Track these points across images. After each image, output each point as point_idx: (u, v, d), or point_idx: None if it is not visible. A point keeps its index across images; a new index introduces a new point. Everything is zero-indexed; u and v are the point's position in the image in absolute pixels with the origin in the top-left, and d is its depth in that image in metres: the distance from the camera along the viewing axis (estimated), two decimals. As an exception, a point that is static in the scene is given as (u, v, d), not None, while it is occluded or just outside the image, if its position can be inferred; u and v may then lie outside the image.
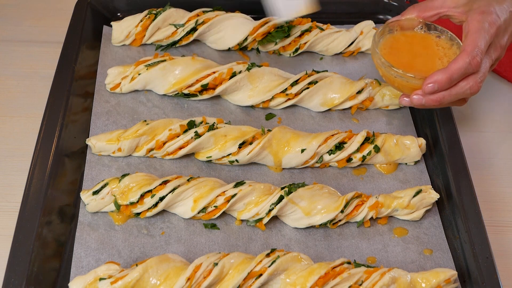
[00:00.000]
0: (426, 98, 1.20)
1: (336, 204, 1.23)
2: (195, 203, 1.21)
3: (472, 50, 1.16)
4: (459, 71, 1.16)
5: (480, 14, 1.20)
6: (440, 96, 1.19)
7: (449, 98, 1.20)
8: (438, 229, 1.26)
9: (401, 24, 1.32)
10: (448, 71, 1.16)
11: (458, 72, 1.16)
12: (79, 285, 1.08)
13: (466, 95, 1.22)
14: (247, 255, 1.14)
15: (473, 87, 1.19)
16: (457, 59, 1.16)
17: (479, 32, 1.18)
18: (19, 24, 1.70)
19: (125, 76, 1.42)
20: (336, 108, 1.45)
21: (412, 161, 1.36)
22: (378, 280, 1.11)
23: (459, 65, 1.16)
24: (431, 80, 1.17)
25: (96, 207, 1.21)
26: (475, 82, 1.19)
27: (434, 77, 1.17)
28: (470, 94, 1.21)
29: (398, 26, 1.33)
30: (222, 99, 1.46)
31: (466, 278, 1.18)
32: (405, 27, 1.33)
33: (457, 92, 1.19)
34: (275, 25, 1.53)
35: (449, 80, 1.17)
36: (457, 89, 1.19)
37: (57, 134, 1.27)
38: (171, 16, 1.51)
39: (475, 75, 1.19)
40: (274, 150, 1.31)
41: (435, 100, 1.20)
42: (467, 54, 1.16)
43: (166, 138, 1.30)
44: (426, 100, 1.20)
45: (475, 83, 1.19)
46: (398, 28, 1.33)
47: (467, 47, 1.17)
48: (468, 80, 1.19)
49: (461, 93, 1.20)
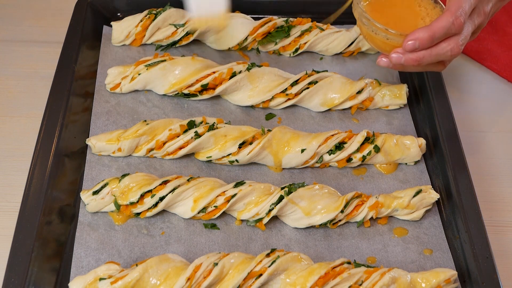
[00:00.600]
0: (406, 57, 1.18)
1: (336, 204, 1.23)
2: (195, 203, 1.21)
3: (456, 10, 1.14)
4: (442, 30, 1.14)
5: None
6: (420, 55, 1.17)
7: (429, 59, 1.18)
8: (438, 229, 1.26)
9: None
10: (431, 29, 1.14)
11: (441, 31, 1.14)
12: (79, 285, 1.08)
13: (447, 57, 1.19)
14: (247, 255, 1.14)
15: (454, 49, 1.17)
16: (441, 18, 1.15)
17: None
18: (19, 24, 1.70)
19: (125, 76, 1.42)
20: (336, 108, 1.45)
21: (412, 161, 1.36)
22: (378, 280, 1.11)
23: (442, 23, 1.14)
24: (412, 37, 1.15)
25: (96, 207, 1.21)
26: (456, 44, 1.17)
27: (416, 34, 1.15)
28: (451, 56, 1.19)
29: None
30: (222, 99, 1.46)
31: (466, 278, 1.18)
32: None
33: (438, 53, 1.17)
34: (275, 25, 1.53)
35: (430, 38, 1.14)
36: (438, 49, 1.17)
37: (57, 134, 1.27)
38: (171, 16, 1.51)
39: (456, 37, 1.17)
40: (274, 150, 1.31)
41: (414, 60, 1.17)
42: (451, 13, 1.14)
43: (166, 138, 1.30)
44: (406, 59, 1.18)
45: (456, 44, 1.17)
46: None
47: (451, 7, 1.15)
48: (450, 41, 1.17)
49: (441, 54, 1.18)
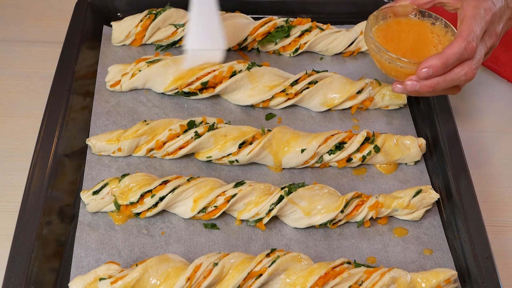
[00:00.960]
0: (420, 84, 1.18)
1: (336, 204, 1.23)
2: (195, 203, 1.21)
3: (467, 35, 1.15)
4: (455, 56, 1.15)
5: (475, 0, 1.18)
6: (434, 82, 1.18)
7: (443, 84, 1.18)
8: (438, 229, 1.26)
9: (395, 10, 1.31)
10: (444, 55, 1.15)
11: (454, 57, 1.15)
12: (79, 285, 1.08)
13: (461, 82, 1.20)
14: (247, 255, 1.14)
15: (468, 74, 1.18)
16: (453, 44, 1.15)
17: (475, 18, 1.16)
18: (19, 24, 1.70)
19: (125, 73, 1.42)
20: (336, 108, 1.45)
21: (412, 161, 1.36)
22: (378, 280, 1.11)
23: (455, 50, 1.14)
24: (426, 65, 1.16)
25: (96, 207, 1.21)
26: (470, 69, 1.17)
27: (429, 62, 1.15)
28: (465, 80, 1.19)
29: (392, 12, 1.31)
30: (222, 99, 1.46)
31: (466, 278, 1.18)
32: (398, 13, 1.31)
33: (452, 78, 1.18)
34: (275, 25, 1.53)
35: (444, 65, 1.15)
36: (452, 75, 1.17)
37: (57, 134, 1.27)
38: (171, 16, 1.51)
39: (470, 61, 1.17)
40: (274, 150, 1.31)
41: (429, 86, 1.18)
42: (463, 39, 1.14)
43: (166, 138, 1.30)
44: (420, 86, 1.18)
45: (470, 69, 1.17)
46: (391, 14, 1.31)
47: (462, 32, 1.15)
48: (463, 66, 1.17)
49: (456, 79, 1.18)
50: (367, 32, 1.26)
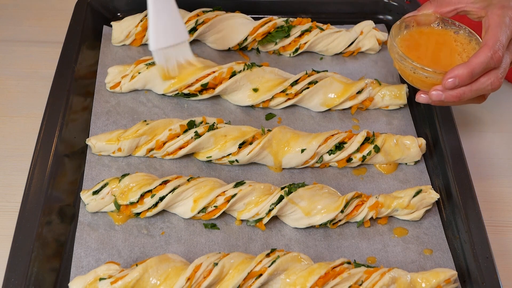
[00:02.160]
0: (446, 94, 1.17)
1: (336, 204, 1.23)
2: (195, 203, 1.21)
3: (493, 44, 1.13)
4: (481, 66, 1.13)
5: (500, 8, 1.17)
6: (460, 92, 1.16)
7: (469, 94, 1.17)
8: (438, 229, 1.26)
9: (418, 19, 1.30)
10: (470, 65, 1.13)
11: (480, 66, 1.13)
12: (79, 285, 1.08)
13: (487, 91, 1.18)
14: (247, 255, 1.14)
15: (494, 83, 1.16)
16: (479, 53, 1.13)
17: (500, 26, 1.15)
18: (19, 24, 1.70)
19: (125, 75, 1.42)
20: (336, 108, 1.45)
21: (412, 161, 1.36)
22: (378, 280, 1.11)
23: (481, 59, 1.13)
24: (452, 75, 1.14)
25: (96, 207, 1.21)
26: (496, 78, 1.16)
27: (455, 72, 1.14)
28: (491, 90, 1.18)
29: (415, 21, 1.30)
30: (222, 99, 1.46)
31: (466, 278, 1.18)
32: (421, 22, 1.30)
33: (478, 88, 1.16)
34: (275, 25, 1.53)
35: (470, 74, 1.13)
36: (478, 84, 1.16)
37: (57, 134, 1.27)
38: (171, 16, 1.51)
39: (496, 70, 1.16)
40: (274, 150, 1.31)
41: (455, 96, 1.16)
42: (489, 48, 1.13)
43: (166, 138, 1.30)
44: (446, 96, 1.17)
45: (496, 78, 1.16)
46: (414, 23, 1.30)
47: (488, 41, 1.14)
48: (489, 76, 1.16)
49: (481, 89, 1.17)
50: (391, 42, 1.25)
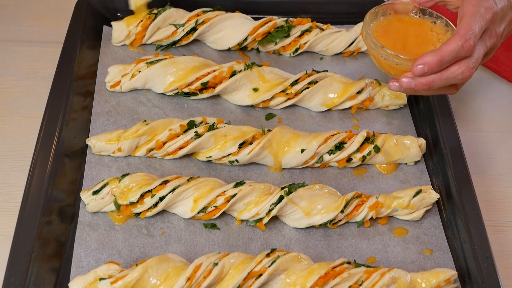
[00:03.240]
0: (416, 81, 1.16)
1: (336, 204, 1.23)
2: (195, 203, 1.21)
3: (465, 33, 1.13)
4: (451, 54, 1.13)
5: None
6: (430, 80, 1.16)
7: (439, 83, 1.16)
8: (438, 229, 1.26)
9: (395, 7, 1.29)
10: (439, 53, 1.13)
11: (450, 54, 1.13)
12: (79, 285, 1.08)
13: (458, 81, 1.18)
14: (247, 255, 1.14)
15: (464, 72, 1.16)
16: (449, 41, 1.13)
17: (474, 16, 1.14)
18: (19, 24, 1.70)
19: (125, 73, 1.42)
20: (336, 108, 1.45)
21: (412, 161, 1.36)
22: (378, 280, 1.11)
23: (451, 47, 1.12)
24: (421, 62, 1.14)
25: (96, 207, 1.21)
26: (467, 67, 1.15)
27: (425, 59, 1.14)
28: (462, 79, 1.17)
29: (392, 9, 1.29)
30: (222, 99, 1.46)
31: (466, 278, 1.18)
32: (399, 11, 1.29)
33: (448, 77, 1.16)
34: (275, 25, 1.53)
35: (439, 62, 1.13)
36: (448, 73, 1.16)
37: (57, 134, 1.27)
38: (171, 16, 1.51)
39: (467, 60, 1.15)
40: (274, 150, 1.31)
41: (424, 84, 1.16)
42: (460, 37, 1.12)
43: (166, 138, 1.30)
44: (416, 83, 1.16)
45: (467, 68, 1.15)
46: (392, 11, 1.29)
47: (460, 30, 1.13)
48: (460, 65, 1.15)
49: (452, 78, 1.16)
50: (364, 28, 1.25)
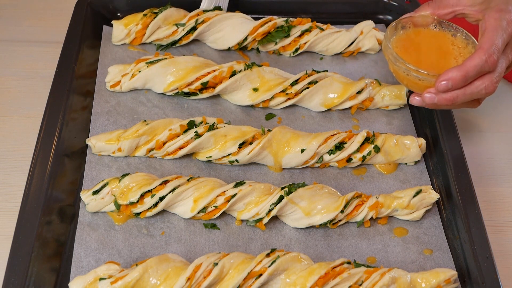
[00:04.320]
0: (439, 97, 1.16)
1: (336, 204, 1.23)
2: (195, 203, 1.21)
3: (489, 48, 1.12)
4: (475, 69, 1.12)
5: (497, 12, 1.16)
6: (453, 95, 1.15)
7: (463, 98, 1.15)
8: (438, 229, 1.26)
9: (415, 21, 1.28)
10: (463, 68, 1.12)
11: (474, 69, 1.12)
12: (79, 285, 1.08)
13: (481, 95, 1.17)
14: (247, 255, 1.14)
15: (488, 87, 1.15)
16: (473, 56, 1.12)
17: (497, 30, 1.13)
18: (19, 24, 1.70)
19: (125, 73, 1.42)
20: (336, 108, 1.45)
21: (412, 161, 1.36)
22: (378, 280, 1.11)
23: (475, 62, 1.11)
24: (445, 77, 1.13)
25: (96, 207, 1.21)
26: (490, 82, 1.14)
27: (449, 74, 1.13)
28: (485, 94, 1.16)
29: (411, 23, 1.28)
30: (222, 99, 1.46)
31: (466, 278, 1.18)
32: (418, 24, 1.28)
33: (472, 92, 1.15)
34: (275, 25, 1.53)
35: (464, 78, 1.12)
36: (471, 88, 1.15)
37: (57, 134, 1.27)
38: (171, 15, 1.52)
39: (491, 74, 1.14)
40: (274, 150, 1.31)
41: (448, 99, 1.15)
42: (484, 51, 1.12)
43: (166, 138, 1.30)
44: (439, 99, 1.16)
45: (490, 82, 1.14)
46: (411, 25, 1.28)
47: (483, 44, 1.13)
48: (484, 80, 1.14)
49: (475, 93, 1.15)
50: (385, 43, 1.24)
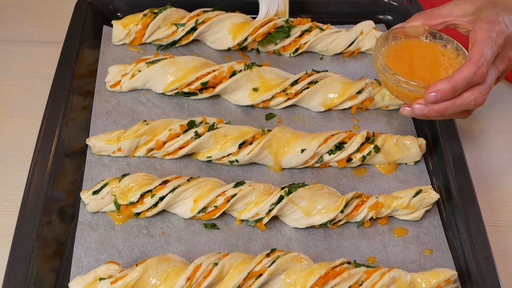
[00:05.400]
0: (428, 108, 1.16)
1: (336, 204, 1.23)
2: (195, 203, 1.21)
3: (478, 60, 1.12)
4: (464, 81, 1.12)
5: (488, 23, 1.16)
6: (443, 107, 1.15)
7: (452, 109, 1.16)
8: (438, 229, 1.26)
9: (406, 31, 1.28)
10: (452, 80, 1.12)
11: (463, 81, 1.12)
12: (79, 285, 1.08)
13: (470, 107, 1.17)
14: (247, 255, 1.14)
15: (477, 99, 1.15)
16: (462, 68, 1.12)
17: (486, 41, 1.13)
18: (19, 24, 1.70)
19: (125, 73, 1.42)
20: (336, 108, 1.45)
21: (412, 161, 1.36)
22: (378, 280, 1.11)
23: (464, 74, 1.12)
24: (434, 89, 1.13)
25: (96, 207, 1.21)
26: (480, 94, 1.14)
27: (438, 86, 1.13)
28: (475, 106, 1.16)
29: (402, 33, 1.28)
30: (222, 99, 1.46)
31: (466, 278, 1.18)
32: (409, 34, 1.28)
33: (461, 103, 1.15)
34: (275, 26, 1.53)
35: (453, 89, 1.12)
36: (461, 100, 1.15)
37: (57, 134, 1.27)
38: (171, 15, 1.52)
39: (480, 86, 1.15)
40: (274, 150, 1.31)
41: (437, 111, 1.16)
42: (473, 63, 1.12)
43: (166, 138, 1.30)
44: (428, 110, 1.16)
45: (480, 94, 1.15)
46: (402, 35, 1.28)
47: (473, 56, 1.13)
48: (473, 91, 1.14)
49: (465, 104, 1.16)
50: (375, 53, 1.24)
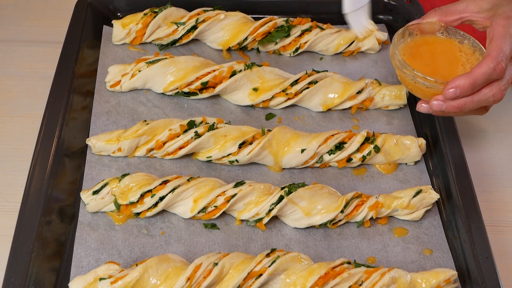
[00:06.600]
0: (447, 104, 1.15)
1: (336, 204, 1.23)
2: (195, 203, 1.21)
3: (497, 55, 1.12)
4: (483, 77, 1.12)
5: (505, 19, 1.16)
6: (461, 103, 1.15)
7: (470, 105, 1.15)
8: (438, 229, 1.26)
9: (422, 28, 1.28)
10: (472, 76, 1.12)
11: (482, 77, 1.12)
12: (79, 285, 1.08)
13: (489, 103, 1.17)
14: (247, 255, 1.14)
15: (496, 95, 1.14)
16: (481, 64, 1.12)
17: (505, 37, 1.13)
18: (19, 24, 1.70)
19: (125, 73, 1.42)
20: (336, 108, 1.45)
21: (412, 161, 1.36)
22: (378, 280, 1.11)
23: (483, 70, 1.11)
24: (453, 85, 1.13)
25: (96, 207, 1.21)
26: (498, 89, 1.14)
27: (457, 82, 1.12)
28: (493, 102, 1.16)
29: (418, 29, 1.28)
30: (222, 99, 1.46)
31: (466, 278, 1.18)
32: (425, 31, 1.28)
33: (480, 99, 1.15)
34: (275, 25, 1.53)
35: (472, 85, 1.12)
36: (479, 96, 1.14)
37: (57, 134, 1.27)
38: (171, 14, 1.52)
39: (498, 82, 1.14)
40: (274, 150, 1.31)
41: (456, 107, 1.15)
42: (492, 59, 1.11)
43: (166, 138, 1.30)
44: (447, 106, 1.16)
45: (498, 90, 1.14)
46: (418, 32, 1.28)
47: (491, 52, 1.12)
48: (492, 87, 1.14)
49: (483, 100, 1.15)
50: (393, 49, 1.23)
